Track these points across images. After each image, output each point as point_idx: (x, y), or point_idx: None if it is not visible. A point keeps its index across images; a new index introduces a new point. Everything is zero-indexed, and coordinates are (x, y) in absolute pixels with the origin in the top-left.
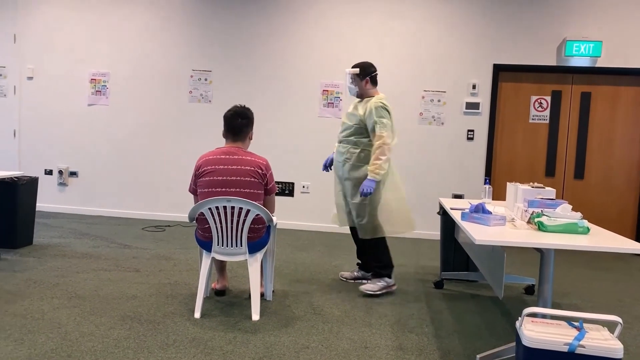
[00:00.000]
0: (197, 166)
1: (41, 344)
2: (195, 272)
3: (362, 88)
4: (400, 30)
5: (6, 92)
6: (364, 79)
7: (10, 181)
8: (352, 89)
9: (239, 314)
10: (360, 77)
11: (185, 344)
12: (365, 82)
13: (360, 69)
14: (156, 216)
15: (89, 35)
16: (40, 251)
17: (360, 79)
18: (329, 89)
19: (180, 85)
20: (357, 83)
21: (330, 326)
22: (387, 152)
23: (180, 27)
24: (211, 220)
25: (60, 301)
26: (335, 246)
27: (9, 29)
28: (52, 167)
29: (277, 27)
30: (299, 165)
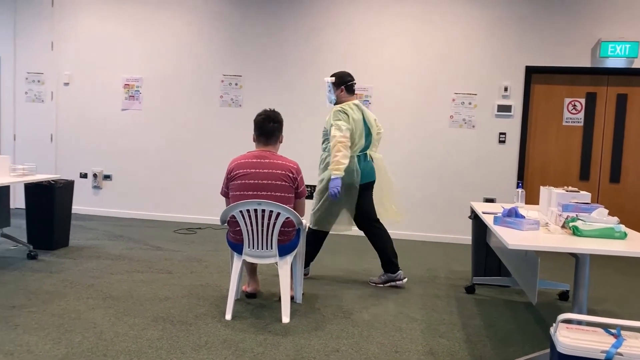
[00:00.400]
0: (229, 170)
1: (78, 343)
2: (226, 274)
3: (337, 96)
4: (430, 34)
5: (44, 97)
6: (339, 88)
7: (47, 184)
8: (330, 97)
9: (269, 317)
10: (336, 85)
11: (217, 346)
12: (341, 90)
13: (336, 78)
14: (187, 219)
15: (123, 41)
16: (75, 253)
17: (336, 88)
18: (358, 92)
19: (211, 90)
20: (334, 91)
21: (360, 330)
22: (342, 149)
23: (211, 33)
24: (242, 223)
25: (96, 301)
26: (363, 250)
27: (47, 37)
28: (86, 170)
29: (307, 32)
30: None
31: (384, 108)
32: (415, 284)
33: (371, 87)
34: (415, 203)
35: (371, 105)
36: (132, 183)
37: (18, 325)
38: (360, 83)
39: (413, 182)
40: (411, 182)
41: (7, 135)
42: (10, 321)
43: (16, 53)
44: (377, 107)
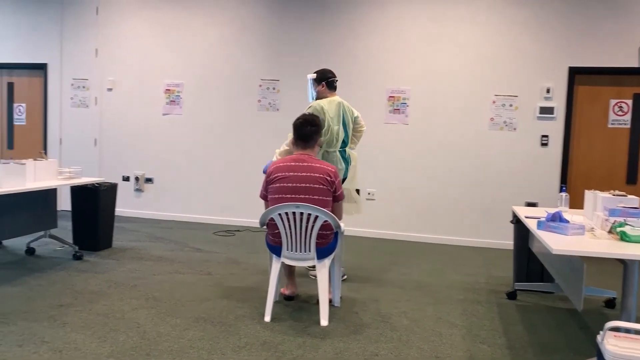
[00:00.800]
0: (268, 173)
1: (122, 342)
2: (265, 276)
3: (319, 91)
4: (470, 35)
5: (88, 103)
6: (320, 83)
7: (92, 187)
8: (312, 93)
9: (307, 319)
10: (317, 81)
11: (257, 347)
12: (322, 86)
13: (317, 74)
14: (226, 221)
15: (164, 48)
16: (119, 254)
17: (317, 83)
18: (395, 95)
19: (249, 94)
20: (315, 87)
21: (399, 334)
22: (289, 145)
23: (249, 38)
24: (281, 225)
25: (139, 302)
26: (401, 253)
27: (92, 45)
28: (129, 173)
29: (342, 34)
30: (364, 172)
31: (421, 111)
32: (455, 289)
33: (409, 90)
34: (454, 207)
35: (409, 107)
36: (172, 186)
37: (66, 324)
38: (398, 85)
39: (452, 186)
40: (450, 186)
41: (53, 139)
42: (58, 319)
43: (62, 60)
44: (415, 109)
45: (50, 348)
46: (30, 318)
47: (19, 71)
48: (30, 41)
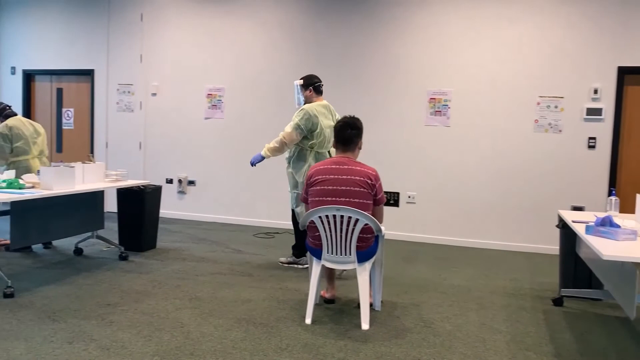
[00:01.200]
0: (308, 176)
1: (167, 341)
2: (305, 278)
3: (306, 96)
4: (513, 34)
5: (133, 107)
6: (307, 89)
7: (137, 190)
8: (299, 98)
9: (348, 323)
10: (304, 87)
11: (298, 349)
12: (309, 91)
13: (304, 80)
14: (266, 223)
15: (206, 53)
16: (162, 254)
17: (304, 89)
18: (436, 96)
19: (288, 98)
20: (302, 92)
21: (442, 340)
22: (278, 145)
23: (288, 43)
24: (321, 228)
25: (182, 302)
26: (442, 258)
27: (137, 51)
28: (172, 176)
29: (381, 36)
30: (404, 174)
31: (464, 112)
32: (499, 294)
33: (450, 91)
34: (497, 211)
35: (450, 109)
36: (213, 188)
37: (113, 322)
38: (439, 87)
39: (496, 189)
40: (494, 190)
41: (100, 142)
42: (105, 318)
43: (109, 66)
44: (457, 111)
45: (98, 346)
46: (79, 316)
47: (68, 77)
48: (79, 48)
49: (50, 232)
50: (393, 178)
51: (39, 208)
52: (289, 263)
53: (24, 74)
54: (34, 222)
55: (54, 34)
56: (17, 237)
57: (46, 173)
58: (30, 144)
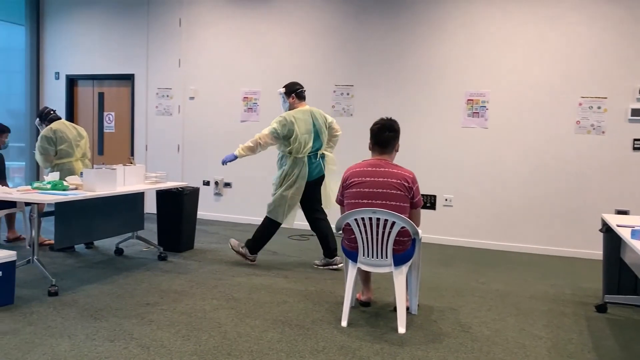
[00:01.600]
0: (344, 178)
1: (204, 341)
2: (340, 280)
3: (290, 103)
4: (553, 34)
5: (172, 111)
6: (290, 96)
7: (176, 191)
8: (284, 106)
9: (384, 326)
10: (287, 94)
11: (334, 351)
12: (292, 98)
13: (286, 88)
14: (300, 225)
15: (242, 56)
16: (200, 255)
17: (287, 96)
18: (474, 98)
19: (323, 100)
20: (286, 99)
21: (480, 345)
22: (253, 144)
23: (323, 45)
24: (357, 231)
25: (219, 302)
26: (480, 262)
27: (175, 55)
28: (209, 178)
29: (418, 37)
30: (441, 177)
31: (502, 114)
32: (539, 300)
33: (488, 92)
34: (537, 214)
35: (488, 111)
36: (249, 190)
37: (152, 321)
38: (477, 88)
39: (535, 192)
40: (533, 192)
41: (140, 145)
42: (145, 317)
43: (148, 71)
44: (495, 112)
45: (138, 344)
46: (120, 315)
47: (109, 82)
48: (119, 54)
49: (93, 233)
50: (430, 181)
51: (81, 209)
52: (324, 265)
53: (67, 79)
54: (77, 222)
55: (95, 41)
56: (61, 237)
57: (89, 175)
58: (73, 147)
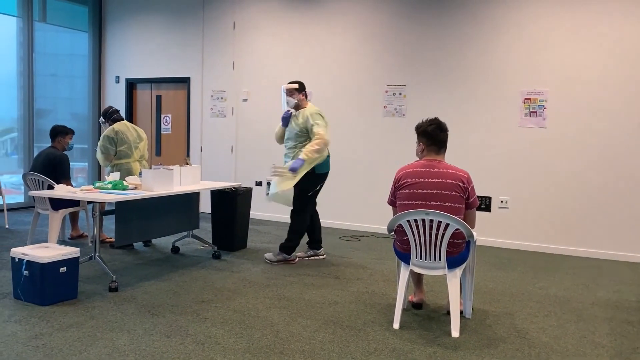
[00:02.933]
0: (396, 178)
1: (257, 339)
2: (392, 282)
3: (299, 100)
4: (617, 30)
5: (226, 113)
6: (301, 92)
7: (230, 191)
8: (290, 102)
9: (437, 329)
10: (299, 90)
11: (386, 354)
12: (302, 95)
13: (298, 84)
14: (352, 226)
15: (293, 59)
16: (253, 254)
17: (299, 92)
18: (531, 97)
19: (375, 100)
20: (296, 96)
21: (538, 351)
22: (321, 145)
23: (375, 45)
24: (410, 232)
25: (271, 301)
26: (538, 266)
27: (229, 58)
28: (261, 179)
29: (471, 36)
30: (497, 178)
31: (561, 113)
32: (601, 307)
33: (546, 91)
34: (600, 218)
35: (546, 110)
36: None
37: (207, 319)
38: (534, 87)
39: (597, 194)
40: (595, 195)
41: (195, 147)
42: (200, 314)
43: (203, 74)
44: (554, 111)
45: (193, 340)
46: (176, 311)
47: (166, 85)
48: (175, 58)
49: (150, 231)
50: (485, 182)
51: (140, 208)
52: (309, 257)
53: (127, 83)
54: (135, 221)
55: (153, 45)
56: (120, 235)
57: (147, 175)
58: (132, 149)
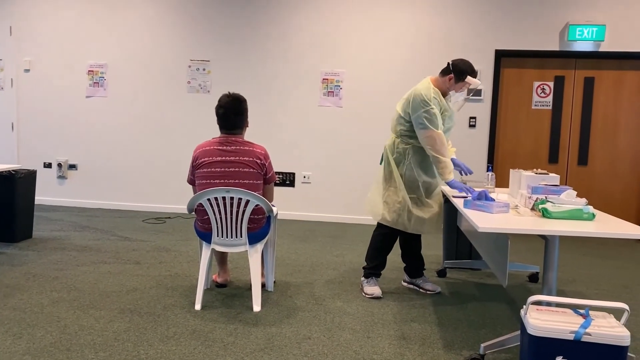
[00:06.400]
0: (194, 157)
1: (40, 337)
2: (196, 263)
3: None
4: (398, 18)
5: (3, 85)
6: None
7: (8, 175)
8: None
9: (240, 306)
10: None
11: (186, 336)
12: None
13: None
14: (156, 208)
15: (87, 25)
16: (39, 245)
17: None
18: (329, 77)
19: (178, 75)
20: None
21: (332, 316)
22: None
23: (178, 16)
24: (210, 211)
25: (60, 294)
26: (337, 236)
27: (5, 21)
28: (51, 160)
29: (276, 14)
30: (299, 155)
31: (355, 93)
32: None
33: (342, 72)
34: None
35: (342, 90)
36: (98, 172)
37: None
38: (331, 68)
39: None
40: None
41: None
42: None
43: None
44: (348, 92)
45: None
46: None
47: None
48: None
49: None
50: (289, 158)
51: None
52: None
53: None
54: None
55: None
56: None
57: None
58: None
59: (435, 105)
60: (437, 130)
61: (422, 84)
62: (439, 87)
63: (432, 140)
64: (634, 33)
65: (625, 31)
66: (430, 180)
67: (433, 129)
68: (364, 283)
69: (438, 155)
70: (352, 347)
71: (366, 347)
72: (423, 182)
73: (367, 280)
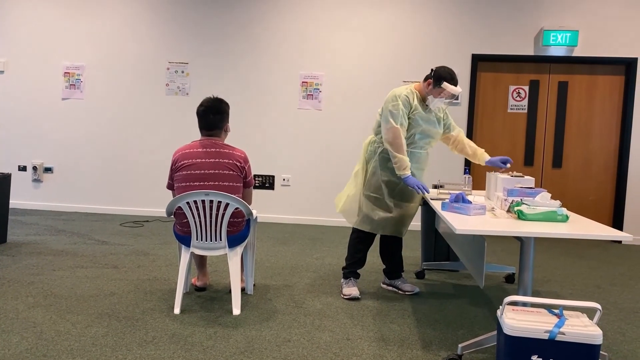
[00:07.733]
0: (173, 160)
1: (15, 344)
2: (175, 267)
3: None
4: (377, 22)
5: None
6: None
7: None
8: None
9: (219, 309)
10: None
11: (165, 341)
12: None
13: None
14: (134, 211)
15: (63, 26)
16: (14, 249)
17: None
18: (308, 80)
19: (156, 77)
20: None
21: (312, 319)
22: None
23: (156, 18)
24: (189, 214)
25: (36, 300)
26: (316, 238)
27: None
28: (26, 163)
29: (255, 17)
30: (279, 158)
31: (333, 96)
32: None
33: (321, 75)
34: None
35: (321, 93)
36: (74, 175)
37: None
38: (310, 71)
39: None
40: None
41: None
42: None
43: None
44: (328, 95)
45: None
46: None
47: None
48: None
49: None
50: (268, 161)
51: None
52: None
53: None
54: None
55: None
56: None
57: None
58: None
59: (405, 103)
60: (397, 126)
61: (404, 86)
62: (420, 91)
63: (392, 134)
64: (606, 39)
65: (597, 37)
66: (396, 181)
67: (394, 124)
68: (343, 284)
69: (393, 151)
70: (332, 349)
71: (346, 349)
72: (387, 182)
73: (345, 282)
